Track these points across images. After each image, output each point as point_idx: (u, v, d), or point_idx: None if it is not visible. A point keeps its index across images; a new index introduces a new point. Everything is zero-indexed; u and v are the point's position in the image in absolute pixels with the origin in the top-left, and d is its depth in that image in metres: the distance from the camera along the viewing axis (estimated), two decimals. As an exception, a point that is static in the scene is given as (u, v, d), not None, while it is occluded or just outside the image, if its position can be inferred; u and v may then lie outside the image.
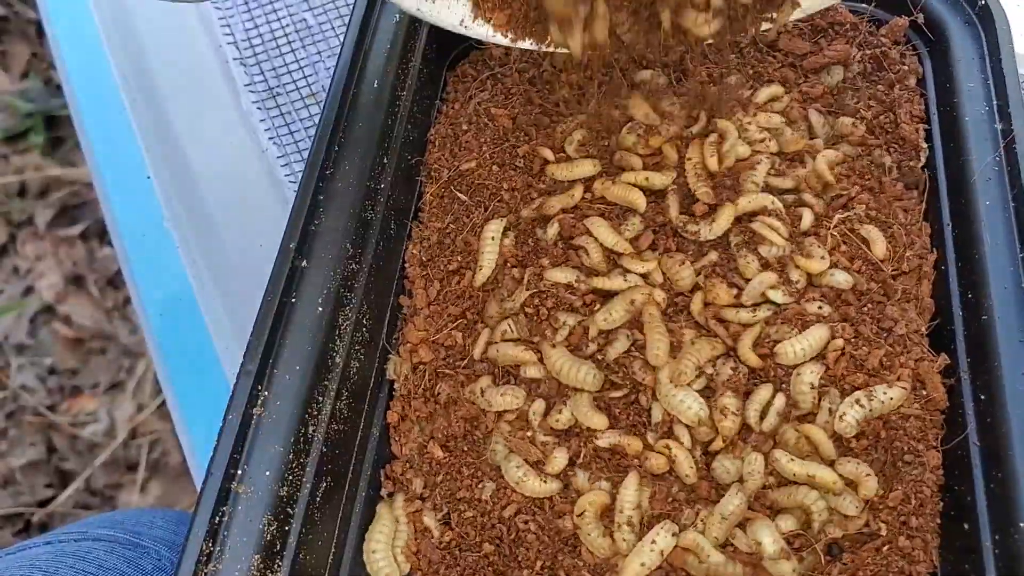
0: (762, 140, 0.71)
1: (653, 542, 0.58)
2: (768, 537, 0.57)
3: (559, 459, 0.62)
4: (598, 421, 0.62)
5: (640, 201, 0.69)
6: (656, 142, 0.71)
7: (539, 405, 0.64)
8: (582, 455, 0.62)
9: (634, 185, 0.69)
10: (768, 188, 0.70)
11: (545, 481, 0.61)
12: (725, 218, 0.67)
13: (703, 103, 0.72)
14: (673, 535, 0.58)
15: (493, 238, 0.70)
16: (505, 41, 0.63)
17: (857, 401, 0.60)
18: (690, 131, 0.72)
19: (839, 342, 0.62)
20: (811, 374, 0.62)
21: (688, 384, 0.62)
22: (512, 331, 0.66)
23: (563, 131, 0.73)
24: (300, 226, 0.63)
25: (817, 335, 0.62)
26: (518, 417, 0.64)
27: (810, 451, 0.61)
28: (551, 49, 0.63)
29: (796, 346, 0.62)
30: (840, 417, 0.60)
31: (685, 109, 0.72)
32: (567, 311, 0.66)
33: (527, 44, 0.63)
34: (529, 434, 0.63)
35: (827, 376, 0.62)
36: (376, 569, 0.61)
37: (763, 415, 0.61)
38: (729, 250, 0.67)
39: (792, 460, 0.59)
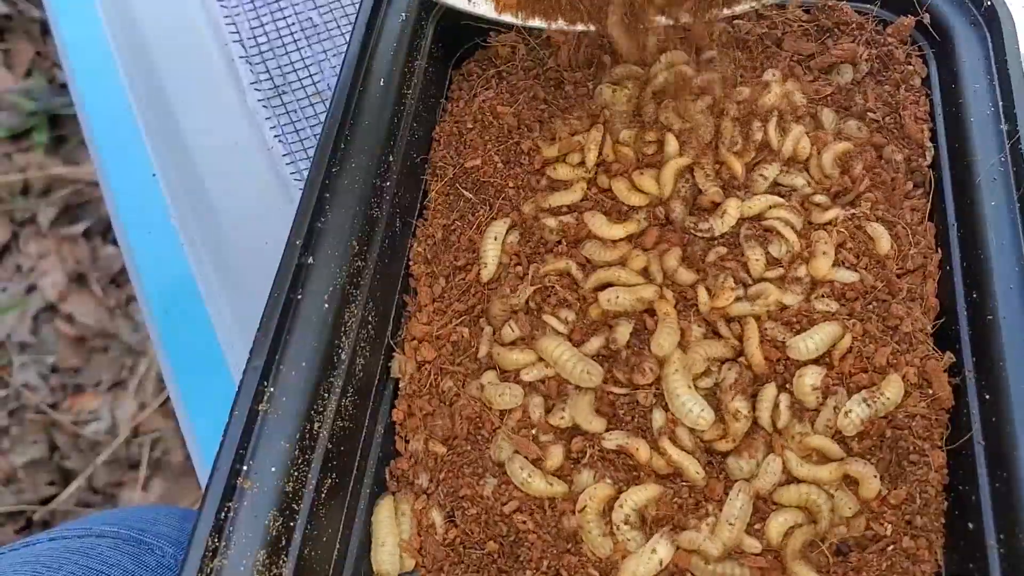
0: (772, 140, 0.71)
1: (653, 551, 0.58)
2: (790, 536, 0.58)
3: (555, 455, 0.62)
4: (596, 424, 0.62)
5: (643, 199, 0.69)
6: (653, 136, 0.72)
7: (538, 400, 0.64)
8: (587, 455, 0.62)
9: (635, 188, 0.70)
10: (778, 186, 0.70)
11: (552, 483, 0.61)
12: (734, 208, 0.67)
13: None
14: (673, 542, 0.58)
15: (495, 238, 0.70)
16: (512, 20, 0.64)
17: (864, 400, 0.60)
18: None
19: (848, 338, 0.63)
20: (812, 376, 0.62)
21: (697, 376, 0.62)
22: (514, 330, 0.66)
23: (561, 128, 0.74)
24: (306, 223, 0.63)
25: (829, 330, 0.63)
26: (522, 416, 0.64)
27: (816, 452, 0.61)
28: (560, 27, 0.63)
29: (809, 342, 0.62)
30: (845, 414, 0.60)
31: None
32: (569, 308, 0.67)
33: (536, 22, 0.63)
34: (533, 431, 0.63)
35: (834, 374, 0.62)
36: (380, 561, 0.61)
37: (774, 412, 0.62)
38: (738, 247, 0.67)
39: (803, 465, 0.59)
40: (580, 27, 0.65)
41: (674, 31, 0.68)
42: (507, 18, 0.65)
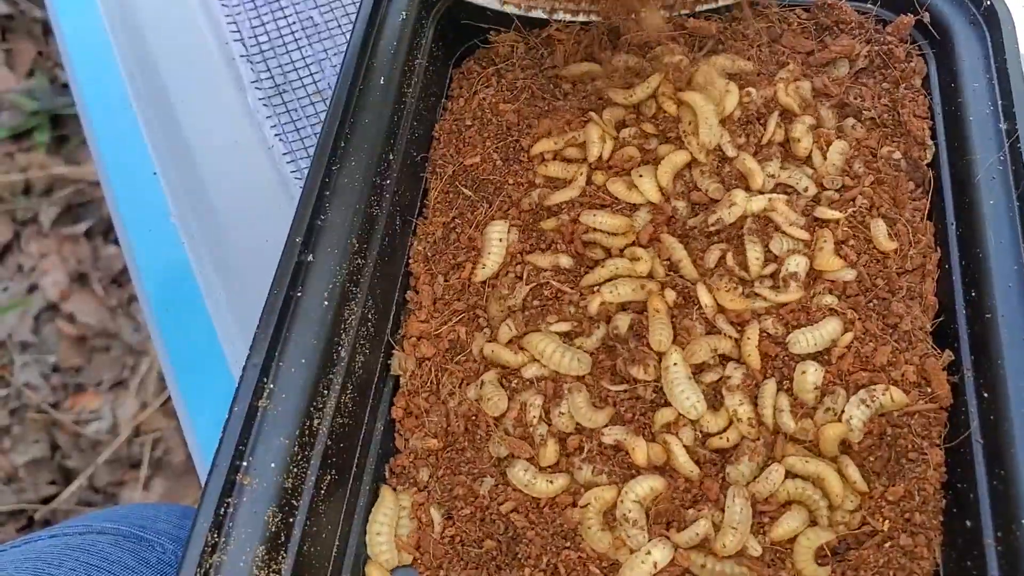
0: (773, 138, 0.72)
1: (648, 553, 0.58)
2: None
3: (549, 453, 0.62)
4: (597, 418, 0.62)
5: (642, 197, 0.69)
6: (652, 129, 0.72)
7: (536, 400, 0.64)
8: (585, 451, 0.62)
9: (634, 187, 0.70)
10: (779, 184, 0.70)
11: (552, 481, 0.61)
12: (742, 197, 0.67)
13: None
14: (672, 543, 0.58)
15: (500, 240, 0.70)
16: (515, 10, 0.65)
17: (862, 400, 0.60)
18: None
19: (848, 336, 0.63)
20: (815, 373, 0.62)
21: (700, 367, 0.63)
22: (512, 329, 0.66)
23: (560, 125, 0.74)
24: (306, 221, 0.63)
25: (831, 326, 0.63)
26: (519, 415, 0.64)
27: (810, 442, 0.61)
28: (562, 18, 0.65)
29: (810, 336, 0.62)
30: (847, 422, 0.60)
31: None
32: (570, 303, 0.67)
33: (538, 13, 0.65)
34: (530, 429, 0.63)
35: (834, 371, 0.62)
36: (377, 552, 0.61)
37: (775, 412, 0.62)
38: (737, 244, 0.67)
39: (810, 461, 0.59)
40: (582, 18, 0.66)
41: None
42: (510, 8, 0.66)
